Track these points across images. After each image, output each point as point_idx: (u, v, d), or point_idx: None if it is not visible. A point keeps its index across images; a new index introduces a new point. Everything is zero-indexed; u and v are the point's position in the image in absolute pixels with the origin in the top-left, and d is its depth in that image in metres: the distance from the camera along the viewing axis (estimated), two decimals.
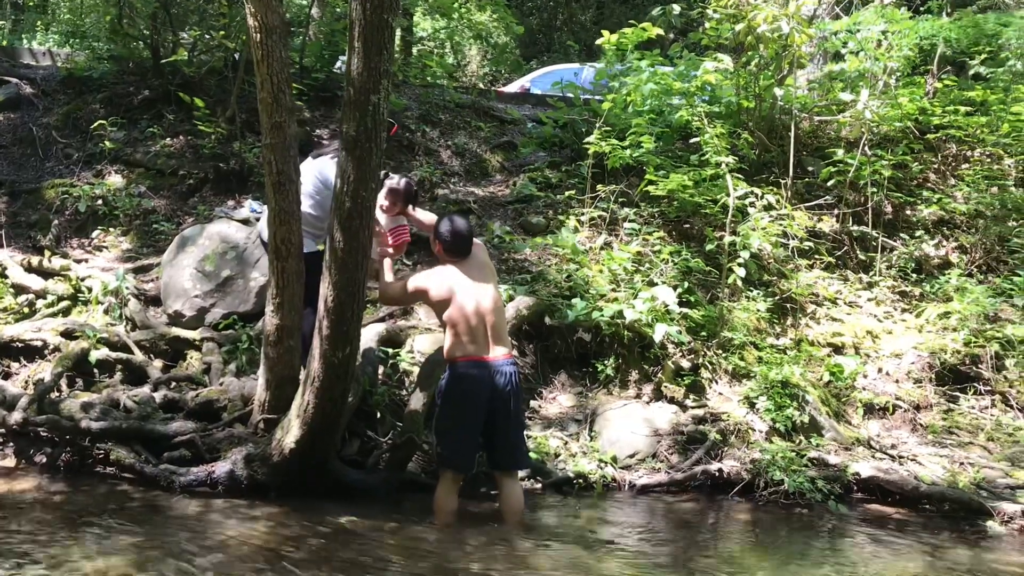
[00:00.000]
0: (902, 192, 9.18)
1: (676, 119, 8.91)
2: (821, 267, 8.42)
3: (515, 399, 4.95)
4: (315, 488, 5.26)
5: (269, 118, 5.10)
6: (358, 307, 4.85)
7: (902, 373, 7.36)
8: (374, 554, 4.53)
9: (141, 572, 3.97)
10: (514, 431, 5.00)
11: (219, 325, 6.88)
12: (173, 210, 8.52)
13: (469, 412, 4.86)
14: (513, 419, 4.97)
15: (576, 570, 4.51)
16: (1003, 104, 9.36)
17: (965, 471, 6.30)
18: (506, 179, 9.85)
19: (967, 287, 7.95)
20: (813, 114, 9.69)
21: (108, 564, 4.03)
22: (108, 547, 4.29)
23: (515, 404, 4.96)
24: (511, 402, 4.91)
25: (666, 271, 7.69)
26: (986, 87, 9.92)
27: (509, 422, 4.93)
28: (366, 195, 4.60)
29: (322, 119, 10.03)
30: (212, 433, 5.60)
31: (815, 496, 5.88)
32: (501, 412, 4.89)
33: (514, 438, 5.00)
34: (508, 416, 4.91)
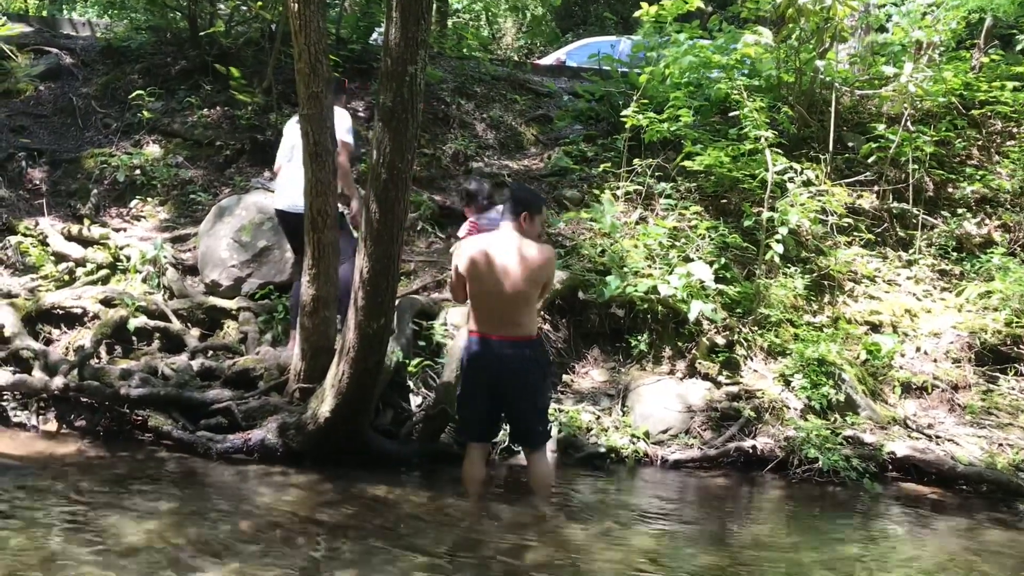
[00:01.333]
0: (944, 169, 9.00)
1: (715, 93, 8.79)
2: (860, 244, 8.29)
3: (522, 379, 4.66)
4: (349, 457, 5.30)
5: (306, 88, 5.11)
6: (393, 279, 4.86)
7: (940, 352, 7.25)
8: (406, 522, 4.57)
9: (179, 536, 4.04)
10: (523, 411, 4.73)
11: (255, 295, 6.94)
12: (210, 180, 8.58)
13: (473, 384, 4.72)
14: (521, 399, 4.69)
15: (608, 544, 4.52)
16: None
17: (1004, 452, 6.22)
18: (541, 152, 9.79)
19: (1009, 266, 7.80)
20: (854, 88, 9.52)
21: (147, 528, 4.10)
22: (147, 511, 4.37)
23: (524, 384, 4.67)
24: (516, 382, 4.65)
25: (702, 247, 7.62)
26: None
27: (516, 402, 4.70)
28: (402, 167, 4.59)
29: (358, 90, 10.01)
30: (248, 401, 5.66)
31: (849, 474, 5.83)
32: (509, 391, 4.67)
33: (523, 417, 4.76)
34: (516, 396, 4.67)
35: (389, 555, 4.06)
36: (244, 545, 4.03)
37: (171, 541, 3.98)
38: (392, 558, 4.02)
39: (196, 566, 3.72)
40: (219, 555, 3.86)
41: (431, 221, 8.21)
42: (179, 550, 3.89)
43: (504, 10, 21.22)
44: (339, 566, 3.92)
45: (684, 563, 4.42)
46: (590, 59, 11.52)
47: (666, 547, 4.60)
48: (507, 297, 4.55)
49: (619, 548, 4.46)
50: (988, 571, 4.61)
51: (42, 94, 9.51)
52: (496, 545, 4.36)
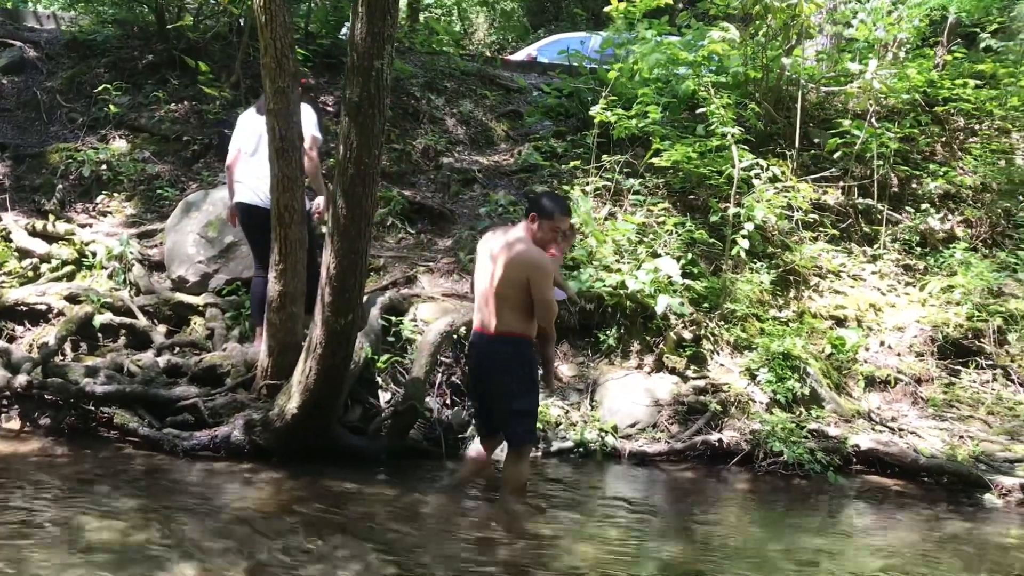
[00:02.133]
0: (908, 165, 9.13)
1: (683, 89, 8.85)
2: (825, 239, 8.40)
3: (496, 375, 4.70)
4: (317, 453, 5.29)
5: (272, 84, 5.09)
6: (360, 275, 4.86)
7: (904, 346, 7.37)
8: (374, 518, 4.58)
9: (143, 534, 4.02)
10: (498, 407, 4.76)
11: (222, 291, 6.90)
12: (177, 176, 8.51)
13: (470, 375, 4.94)
14: (494, 394, 4.74)
15: (577, 537, 4.56)
16: (1012, 77, 9.28)
17: (965, 444, 6.33)
18: (511, 148, 9.82)
19: (971, 261, 7.94)
20: (820, 85, 9.62)
21: (110, 526, 4.07)
22: (112, 509, 4.34)
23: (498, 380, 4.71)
24: (489, 376, 4.73)
25: (670, 242, 7.68)
26: (996, 60, 9.83)
27: (490, 396, 4.77)
28: (369, 162, 4.59)
29: (327, 85, 9.98)
30: (215, 398, 5.64)
31: (814, 467, 5.91)
32: (485, 383, 4.79)
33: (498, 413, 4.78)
34: (489, 389, 4.76)
35: (357, 551, 4.06)
36: (211, 542, 4.02)
37: (136, 539, 3.96)
38: (360, 554, 4.03)
39: (162, 564, 3.71)
40: (185, 552, 3.84)
41: (401, 216, 8.20)
42: (144, 548, 3.87)
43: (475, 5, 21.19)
44: (307, 562, 3.91)
45: (651, 556, 4.46)
46: (560, 55, 11.56)
47: (633, 540, 4.64)
48: (487, 291, 4.65)
49: (587, 542, 4.49)
50: (949, 561, 4.69)
51: (5, 88, 9.38)
52: (465, 540, 4.38)
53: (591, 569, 4.12)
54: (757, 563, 4.46)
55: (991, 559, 4.81)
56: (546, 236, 4.67)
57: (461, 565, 4.00)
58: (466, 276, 7.43)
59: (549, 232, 4.67)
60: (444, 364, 6.32)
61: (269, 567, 3.81)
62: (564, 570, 4.08)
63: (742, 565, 4.40)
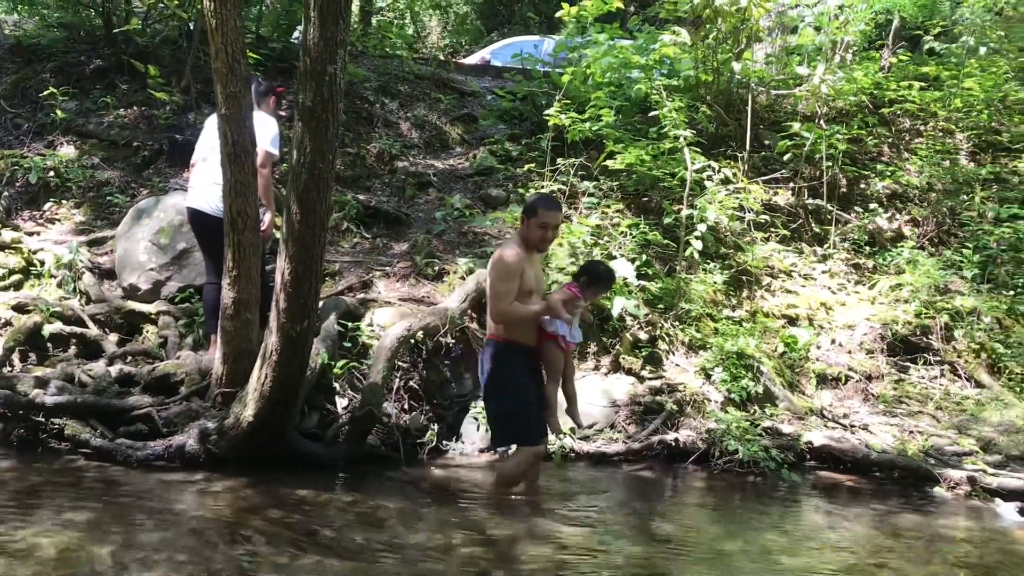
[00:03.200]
0: (856, 166, 9.31)
1: (635, 93, 8.93)
2: (776, 240, 8.53)
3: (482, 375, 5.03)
4: (274, 461, 5.25)
5: (224, 88, 5.04)
6: (315, 280, 4.83)
7: (854, 344, 7.50)
8: (333, 525, 4.55)
9: (96, 547, 3.95)
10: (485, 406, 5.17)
11: (175, 298, 6.83)
12: (128, 182, 8.40)
13: None
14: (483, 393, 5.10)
15: (536, 539, 4.57)
16: (955, 79, 9.51)
17: (914, 439, 6.47)
18: (466, 152, 9.83)
19: (919, 259, 8.11)
20: (770, 88, 9.77)
21: (62, 540, 4.00)
22: (62, 523, 4.26)
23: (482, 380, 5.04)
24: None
25: (625, 244, 7.74)
26: (939, 62, 10.06)
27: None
28: (323, 167, 4.57)
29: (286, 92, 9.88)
30: (169, 407, 5.57)
31: (768, 464, 6.00)
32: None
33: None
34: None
35: (316, 558, 4.03)
36: (166, 553, 3.96)
37: (89, 552, 3.89)
38: (319, 561, 4.00)
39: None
40: (140, 564, 3.79)
41: (356, 221, 8.17)
42: (97, 561, 3.80)
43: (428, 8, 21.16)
44: (265, 570, 3.88)
45: (610, 556, 4.48)
46: (514, 58, 11.59)
47: (592, 540, 4.66)
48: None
49: (546, 543, 4.50)
50: (901, 554, 4.78)
51: None
52: (424, 545, 4.37)
53: (550, 570, 4.14)
54: (714, 560, 4.51)
55: (942, 552, 4.90)
56: (534, 233, 4.80)
57: (419, 569, 3.99)
58: (423, 280, 7.42)
59: (536, 229, 4.78)
60: (402, 369, 6.30)
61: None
62: (523, 572, 4.10)
63: (699, 563, 4.45)
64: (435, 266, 7.49)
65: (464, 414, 6.45)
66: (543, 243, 4.88)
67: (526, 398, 4.90)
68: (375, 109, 10.02)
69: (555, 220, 4.85)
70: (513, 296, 4.74)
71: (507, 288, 4.72)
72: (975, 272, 8.01)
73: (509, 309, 4.75)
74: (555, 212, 4.86)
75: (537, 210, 4.79)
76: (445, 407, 6.48)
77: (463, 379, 6.68)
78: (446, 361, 6.63)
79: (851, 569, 4.44)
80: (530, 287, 4.84)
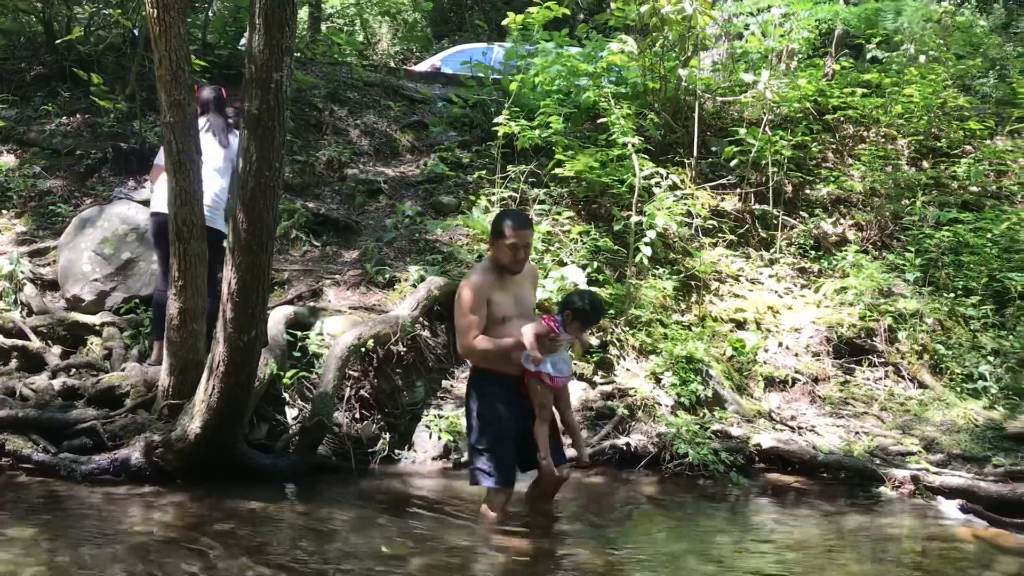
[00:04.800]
0: (801, 171, 9.46)
1: (583, 100, 8.98)
2: (724, 245, 8.64)
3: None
4: (223, 474, 5.18)
5: (168, 96, 4.98)
6: (263, 289, 4.79)
7: (801, 347, 7.62)
8: (283, 537, 4.51)
9: (38, 565, 3.87)
10: None
11: (120, 309, 6.71)
12: (70, 191, 8.24)
13: None
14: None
15: (488, 547, 4.57)
16: (896, 86, 9.72)
17: (860, 440, 6.58)
18: (416, 159, 9.81)
19: (862, 263, 8.27)
20: (716, 95, 9.90)
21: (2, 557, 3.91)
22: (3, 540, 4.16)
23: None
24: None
25: (575, 250, 7.79)
26: (881, 70, 10.28)
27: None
28: (270, 175, 4.54)
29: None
30: (114, 420, 5.48)
31: (718, 467, 6.06)
32: None
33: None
34: None
35: (266, 571, 3.99)
36: (112, 569, 3.89)
37: (30, 569, 3.81)
38: (269, 573, 3.96)
39: None
40: None
41: (305, 229, 8.11)
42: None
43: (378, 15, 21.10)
44: None
45: (562, 561, 4.50)
46: (463, 65, 11.60)
47: (544, 546, 4.68)
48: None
49: (500, 551, 4.51)
50: (847, 552, 4.88)
51: None
52: (376, 554, 4.34)
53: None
54: (665, 562, 4.55)
55: (887, 549, 5.01)
56: (503, 255, 4.53)
57: None
58: (373, 288, 7.39)
59: (506, 251, 4.52)
60: (353, 378, 6.26)
61: None
62: None
63: (650, 565, 4.49)
64: (386, 274, 7.46)
65: (416, 423, 6.42)
66: (516, 264, 4.54)
67: (496, 433, 4.57)
68: (324, 116, 9.96)
69: (524, 239, 4.53)
70: (477, 329, 4.46)
71: (468, 321, 4.47)
72: (917, 275, 8.19)
73: (472, 344, 4.48)
74: (524, 231, 4.53)
75: (503, 231, 4.51)
76: (397, 416, 6.44)
77: (415, 387, 6.65)
78: (397, 369, 6.60)
79: (799, 569, 4.51)
80: (504, 313, 4.52)
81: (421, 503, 5.33)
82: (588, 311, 4.54)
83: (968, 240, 8.40)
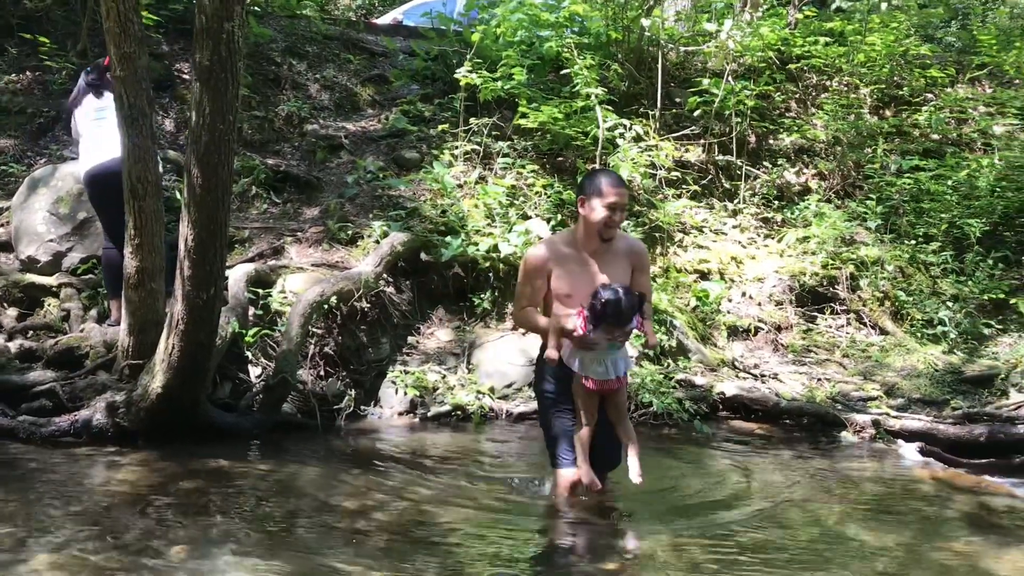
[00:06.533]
0: (765, 121, 9.46)
1: (546, 51, 8.88)
2: (688, 196, 8.64)
3: None
4: (186, 433, 5.14)
5: (117, 49, 4.85)
6: (221, 246, 4.72)
7: (764, 296, 7.68)
8: (247, 494, 4.49)
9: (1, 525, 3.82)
10: None
11: (77, 270, 6.59)
12: (22, 150, 8.03)
13: None
14: None
15: (458, 497, 4.58)
16: (859, 35, 9.70)
17: (822, 386, 6.68)
18: (378, 113, 9.66)
19: (825, 212, 8.32)
20: (680, 45, 9.83)
21: None
22: None
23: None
24: None
25: (540, 204, 7.76)
26: (844, 19, 10.25)
27: None
28: (224, 128, 4.44)
29: (182, 52, 9.56)
30: (74, 381, 5.41)
31: (682, 416, 6.13)
32: None
33: None
34: None
35: (230, 528, 3.98)
36: (75, 529, 3.85)
37: None
38: (233, 530, 3.95)
39: (22, 554, 3.53)
40: (48, 540, 3.68)
41: (265, 186, 7.99)
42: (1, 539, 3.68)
43: None
44: (177, 542, 3.79)
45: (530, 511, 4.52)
46: (423, 17, 11.39)
47: (513, 498, 4.70)
48: None
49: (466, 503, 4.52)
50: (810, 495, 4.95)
51: None
52: (341, 509, 4.34)
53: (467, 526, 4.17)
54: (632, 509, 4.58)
55: (848, 492, 5.09)
56: (598, 216, 4.01)
57: (336, 534, 3.96)
58: (336, 245, 7.32)
59: (602, 211, 3.99)
60: (316, 335, 6.23)
61: (138, 550, 3.69)
62: (442, 531, 4.11)
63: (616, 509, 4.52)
64: (348, 230, 7.39)
65: (382, 379, 6.42)
66: (609, 228, 4.02)
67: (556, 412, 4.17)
68: (282, 71, 9.76)
69: (624, 198, 4.07)
70: (529, 300, 4.11)
71: (521, 290, 4.18)
72: (879, 223, 8.26)
73: (518, 315, 4.31)
74: (623, 188, 4.06)
75: (601, 188, 4.00)
76: (362, 372, 6.44)
77: (380, 343, 6.64)
78: (362, 326, 6.57)
79: (763, 512, 4.57)
80: (570, 289, 4.04)
81: (387, 458, 5.34)
82: (600, 313, 3.83)
83: (929, 187, 8.48)
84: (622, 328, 3.88)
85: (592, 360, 3.97)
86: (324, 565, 3.50)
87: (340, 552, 3.65)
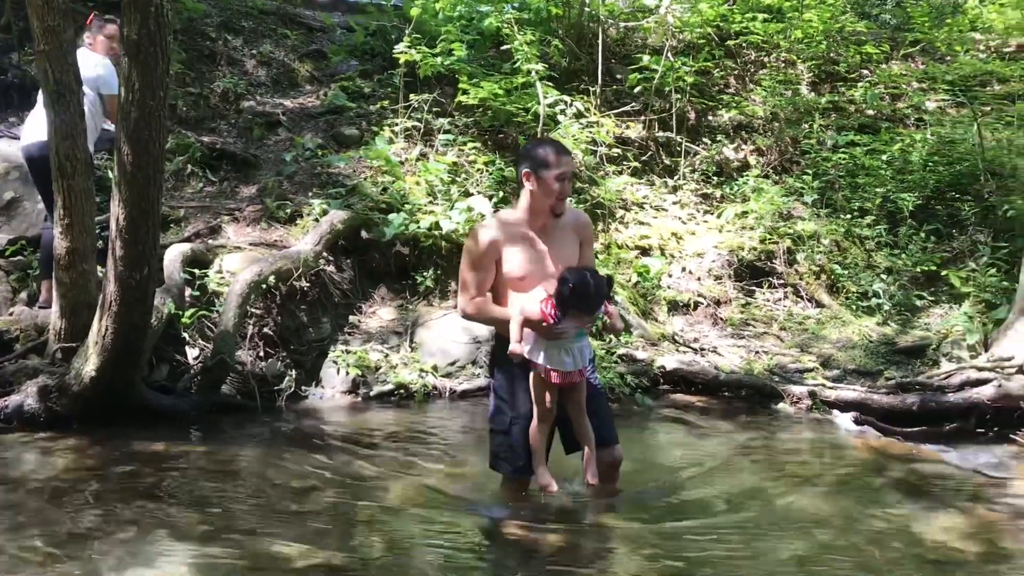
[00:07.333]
0: (704, 98, 9.53)
1: (486, 26, 8.82)
2: (629, 173, 8.68)
3: None
4: (122, 417, 5.06)
5: (41, 22, 4.71)
6: (154, 225, 4.63)
7: (704, 271, 7.77)
8: (186, 478, 4.43)
9: None
10: None
11: (6, 251, 6.41)
12: None
13: None
14: None
15: (402, 476, 4.57)
16: (796, 11, 9.80)
17: (760, 359, 6.78)
18: (316, 90, 9.51)
19: (763, 187, 8.43)
20: (620, 21, 9.84)
21: None
22: None
23: None
24: None
25: (482, 181, 7.73)
26: None
27: None
28: (154, 104, 4.35)
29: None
30: (4, 366, 5.30)
31: (624, 390, 6.19)
32: None
33: None
34: None
35: (167, 512, 3.91)
36: (6, 517, 3.76)
37: None
38: (171, 515, 3.88)
39: None
40: None
41: (201, 164, 7.83)
42: None
43: None
44: (113, 528, 3.73)
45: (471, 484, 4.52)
46: None
47: (455, 474, 4.70)
48: None
49: (406, 480, 4.52)
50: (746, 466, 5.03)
51: None
52: (282, 490, 4.30)
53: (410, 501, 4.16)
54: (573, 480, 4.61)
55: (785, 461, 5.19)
56: (548, 190, 3.70)
57: (277, 516, 3.92)
58: (274, 224, 7.21)
59: (552, 183, 3.69)
60: (255, 315, 6.14)
61: (72, 538, 3.61)
62: (385, 506, 4.10)
63: None
64: (287, 208, 7.29)
65: (323, 358, 6.36)
66: (560, 201, 3.72)
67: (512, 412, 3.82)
68: (218, 46, 9.55)
69: (571, 167, 3.79)
70: (478, 288, 3.73)
71: (464, 280, 3.78)
72: (815, 198, 8.39)
73: (468, 305, 3.78)
74: (568, 157, 3.76)
75: (547, 159, 3.68)
76: (303, 352, 6.37)
77: (320, 323, 6.58)
78: (302, 306, 6.50)
79: (701, 484, 4.63)
80: (523, 272, 3.72)
81: (330, 437, 5.30)
82: (568, 298, 3.52)
83: (864, 162, 8.63)
84: (591, 314, 3.61)
85: (559, 351, 3.64)
86: (265, 548, 3.47)
87: (282, 534, 3.62)
